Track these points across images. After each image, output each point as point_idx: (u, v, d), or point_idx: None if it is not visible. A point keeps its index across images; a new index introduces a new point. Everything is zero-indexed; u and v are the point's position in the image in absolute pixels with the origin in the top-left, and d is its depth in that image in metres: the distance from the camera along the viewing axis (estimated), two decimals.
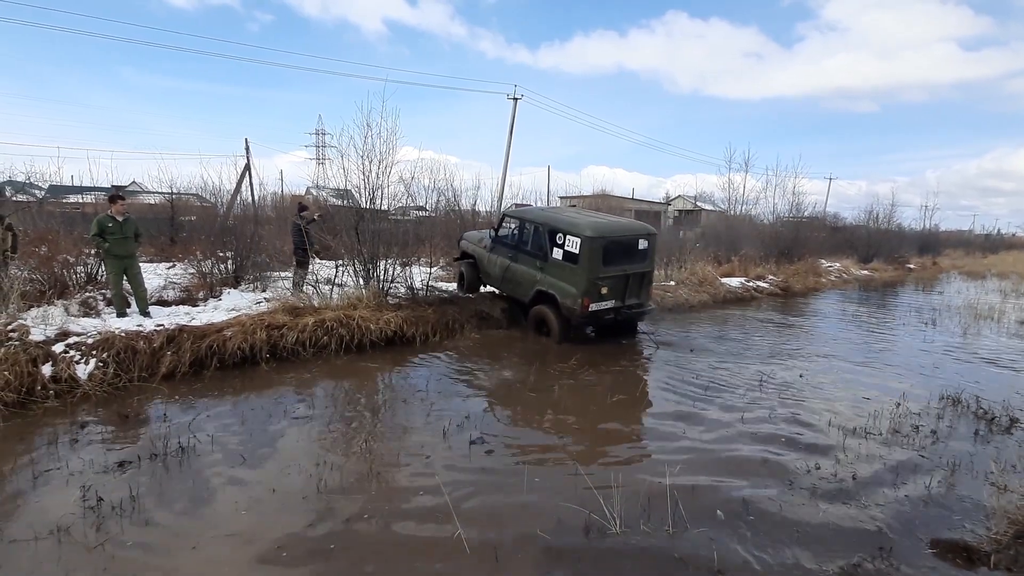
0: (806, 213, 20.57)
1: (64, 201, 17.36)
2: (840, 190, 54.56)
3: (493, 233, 9.07)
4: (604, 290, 7.33)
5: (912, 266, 25.13)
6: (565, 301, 7.40)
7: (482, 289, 9.74)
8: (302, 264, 9.18)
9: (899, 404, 5.51)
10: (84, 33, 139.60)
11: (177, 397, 5.25)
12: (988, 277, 22.58)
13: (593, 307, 7.29)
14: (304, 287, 8.49)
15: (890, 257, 24.06)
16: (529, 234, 8.23)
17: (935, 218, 33.89)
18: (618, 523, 3.16)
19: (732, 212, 20.02)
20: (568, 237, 7.43)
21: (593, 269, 7.20)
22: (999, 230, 52.50)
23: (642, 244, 7.75)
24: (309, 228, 9.32)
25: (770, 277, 15.27)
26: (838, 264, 20.19)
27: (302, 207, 9.81)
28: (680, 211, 43.05)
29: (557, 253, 7.61)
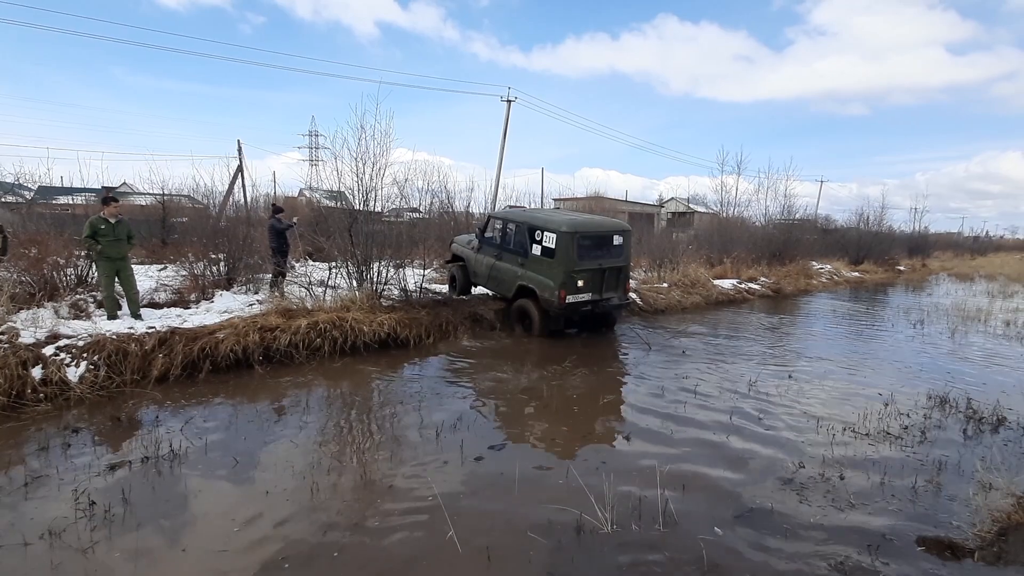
0: (797, 215, 20.71)
1: (54, 202, 17.21)
2: (831, 192, 55.27)
3: (480, 234, 9.35)
4: (580, 283, 7.68)
5: (902, 268, 25.35)
6: (544, 294, 7.72)
7: (474, 291, 9.85)
8: (279, 265, 9.18)
9: (887, 404, 5.59)
10: (75, 33, 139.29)
11: (170, 400, 5.23)
12: (976, 279, 22.84)
13: (570, 299, 7.61)
14: (281, 286, 8.48)
15: (880, 259, 24.25)
16: (511, 233, 8.57)
17: (924, 220, 34.28)
18: (609, 523, 3.19)
19: (724, 214, 20.09)
20: (545, 233, 7.80)
21: (569, 263, 7.54)
22: (987, 232, 53.34)
23: (617, 240, 8.11)
24: (293, 231, 9.30)
25: (762, 279, 15.37)
26: (829, 266, 20.35)
27: (277, 208, 9.80)
28: (673, 213, 43.29)
29: (536, 249, 7.96)
